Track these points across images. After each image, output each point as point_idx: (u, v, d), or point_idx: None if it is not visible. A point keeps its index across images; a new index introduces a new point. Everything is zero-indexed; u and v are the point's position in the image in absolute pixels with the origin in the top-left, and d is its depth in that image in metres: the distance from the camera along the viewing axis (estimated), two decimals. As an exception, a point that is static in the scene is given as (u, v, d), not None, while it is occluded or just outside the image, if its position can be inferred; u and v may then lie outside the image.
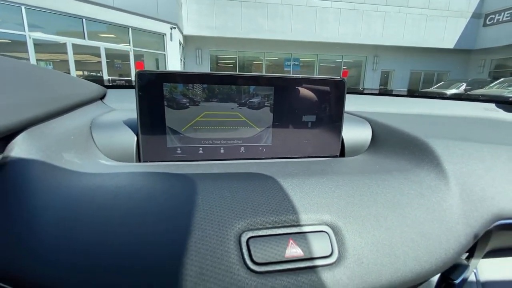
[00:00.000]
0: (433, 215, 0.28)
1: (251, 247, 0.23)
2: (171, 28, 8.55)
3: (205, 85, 0.39)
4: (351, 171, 0.34)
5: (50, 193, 0.25)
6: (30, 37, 5.68)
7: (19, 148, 0.26)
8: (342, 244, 0.24)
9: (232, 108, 0.40)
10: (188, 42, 10.91)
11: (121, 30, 7.52)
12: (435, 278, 0.29)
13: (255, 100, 0.41)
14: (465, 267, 0.32)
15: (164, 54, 8.85)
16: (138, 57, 8.16)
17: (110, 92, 0.62)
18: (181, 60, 9.93)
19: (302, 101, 0.43)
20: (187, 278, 0.20)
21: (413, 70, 12.67)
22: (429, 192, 0.30)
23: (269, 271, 0.22)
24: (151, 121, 0.38)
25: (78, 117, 0.41)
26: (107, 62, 7.30)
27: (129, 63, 7.91)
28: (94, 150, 0.37)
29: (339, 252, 0.24)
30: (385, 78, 12.91)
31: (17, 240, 0.21)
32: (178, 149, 0.40)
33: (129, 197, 0.26)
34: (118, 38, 7.63)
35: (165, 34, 8.56)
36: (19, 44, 5.65)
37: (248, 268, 0.22)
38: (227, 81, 0.39)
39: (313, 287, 0.22)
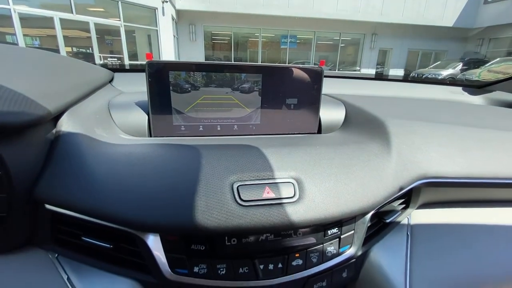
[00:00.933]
0: (372, 173, 0.38)
1: (240, 191, 0.33)
2: (162, 2, 8.16)
3: (204, 73, 0.47)
4: (319, 143, 0.44)
5: (96, 156, 0.34)
6: (15, 11, 5.42)
7: (66, 125, 0.35)
8: (302, 190, 0.35)
9: (227, 93, 0.49)
10: (181, 17, 10.47)
11: (110, 4, 7.17)
12: (369, 216, 0.40)
13: (246, 85, 0.49)
14: (396, 212, 0.44)
15: (156, 30, 8.52)
16: (129, 33, 7.86)
17: (117, 76, 0.69)
18: (174, 36, 9.57)
19: (286, 86, 0.51)
20: (198, 208, 0.31)
21: (411, 49, 12.50)
22: (374, 158, 0.40)
23: (251, 205, 0.33)
24: (160, 103, 0.46)
25: (97, 99, 0.49)
26: (97, 38, 7.04)
27: (120, 39, 7.64)
28: (114, 127, 0.45)
29: (299, 195, 0.34)
30: (382, 56, 12.75)
31: (81, 184, 0.31)
32: (182, 126, 0.48)
33: (153, 158, 0.36)
34: (107, 12, 7.29)
35: (157, 8, 8.18)
36: (4, 18, 5.40)
37: (237, 203, 0.32)
38: (222, 69, 0.47)
39: (280, 214, 0.33)
